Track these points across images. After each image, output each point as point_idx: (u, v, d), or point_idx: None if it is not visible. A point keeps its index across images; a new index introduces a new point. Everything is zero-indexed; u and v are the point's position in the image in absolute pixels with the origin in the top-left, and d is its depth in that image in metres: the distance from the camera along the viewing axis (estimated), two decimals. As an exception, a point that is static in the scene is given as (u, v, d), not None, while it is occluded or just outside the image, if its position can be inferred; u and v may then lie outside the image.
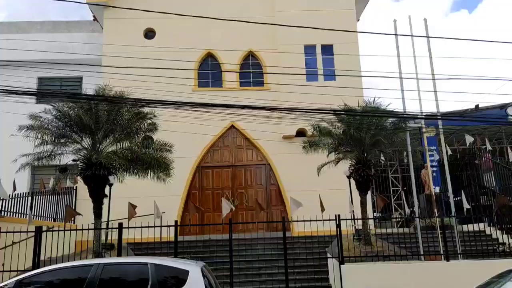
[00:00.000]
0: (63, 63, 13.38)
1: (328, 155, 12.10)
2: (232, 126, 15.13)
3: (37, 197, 11.53)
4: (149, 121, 10.64)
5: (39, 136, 9.48)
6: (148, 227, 9.59)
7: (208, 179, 15.10)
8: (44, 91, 14.38)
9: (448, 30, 49.94)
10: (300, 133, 14.64)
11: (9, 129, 10.30)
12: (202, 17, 10.68)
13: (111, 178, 10.59)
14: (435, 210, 11.43)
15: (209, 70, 15.68)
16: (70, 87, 16.17)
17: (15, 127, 9.59)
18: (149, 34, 15.66)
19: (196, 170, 14.93)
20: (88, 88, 11.28)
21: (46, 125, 9.63)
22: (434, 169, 13.26)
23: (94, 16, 15.97)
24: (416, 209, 11.92)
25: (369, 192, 12.54)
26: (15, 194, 10.52)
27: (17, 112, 9.96)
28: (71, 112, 9.87)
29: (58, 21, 16.72)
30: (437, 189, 13.46)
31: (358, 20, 16.53)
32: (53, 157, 9.75)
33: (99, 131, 9.99)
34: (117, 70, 12.41)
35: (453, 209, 11.35)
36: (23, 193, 11.05)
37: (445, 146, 12.28)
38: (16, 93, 8.67)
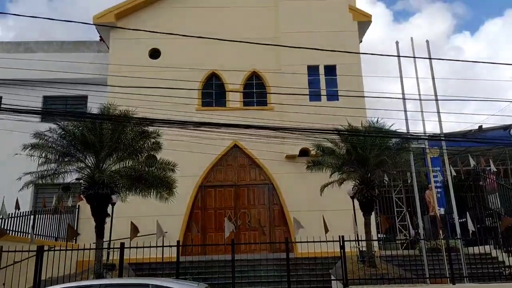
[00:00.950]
0: (69, 83, 13.57)
1: (331, 175, 12.05)
2: (235, 145, 15.14)
3: (39, 215, 11.49)
4: (152, 140, 10.66)
5: (43, 155, 9.49)
6: (150, 247, 9.51)
7: (210, 199, 15.03)
8: (49, 110, 14.50)
9: (450, 51, 50.38)
10: (304, 152, 14.62)
11: (14, 147, 10.33)
12: (206, 38, 10.85)
13: (114, 197, 10.56)
14: (440, 232, 11.30)
15: (213, 90, 15.80)
16: (75, 106, 16.30)
17: (20, 146, 9.62)
18: (154, 54, 15.85)
19: (199, 190, 14.87)
20: (93, 107, 11.35)
21: (50, 144, 9.66)
22: (439, 190, 13.17)
23: (100, 37, 16.23)
24: (421, 230, 11.80)
25: (373, 213, 12.44)
26: (17, 213, 10.49)
27: (22, 130, 10.03)
28: (76, 130, 9.92)
29: (66, 41, 16.98)
30: (442, 211, 13.33)
31: (361, 42, 16.70)
32: (56, 176, 9.75)
33: (103, 149, 10.00)
34: (122, 90, 12.53)
35: (458, 231, 11.22)
36: (25, 211, 11.02)
37: (449, 167, 12.23)
38: (21, 112, 8.73)
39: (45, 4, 54.47)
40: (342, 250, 9.71)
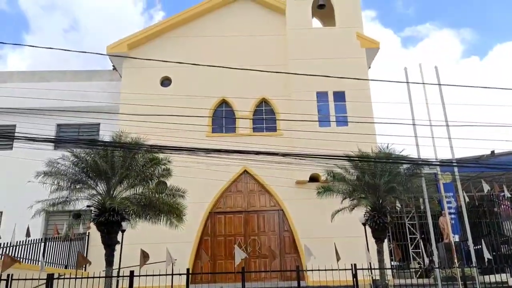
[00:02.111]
0: (82, 111, 13.83)
1: (342, 201, 11.93)
2: (245, 171, 15.14)
3: (50, 243, 11.50)
4: (163, 166, 10.73)
5: (56, 182, 9.60)
6: (159, 275, 9.39)
7: (220, 225, 14.93)
8: (62, 138, 14.73)
9: (459, 76, 50.44)
10: (314, 178, 14.55)
11: (27, 175, 10.46)
12: (216, 66, 11.07)
13: (124, 224, 10.56)
14: (455, 260, 11.02)
15: (223, 117, 15.95)
16: (87, 133, 16.54)
17: (32, 173, 9.74)
18: (165, 82, 16.15)
19: (209, 216, 14.80)
20: (105, 134, 11.52)
21: (62, 171, 9.78)
22: (452, 216, 12.93)
23: (113, 66, 16.62)
24: (435, 258, 11.52)
25: (386, 240, 12.21)
26: (28, 240, 10.52)
27: (35, 158, 10.18)
28: (88, 158, 10.04)
29: (79, 71, 17.41)
30: (456, 237, 13.04)
31: (369, 67, 16.83)
32: (68, 203, 9.82)
33: (114, 176, 10.07)
34: (134, 117, 12.72)
35: (473, 259, 10.94)
36: (36, 239, 11.04)
37: (463, 192, 12.04)
38: (35, 140, 8.89)
39: (61, 35, 56.20)
40: (354, 279, 9.50)
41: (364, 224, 12.27)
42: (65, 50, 8.75)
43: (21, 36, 56.46)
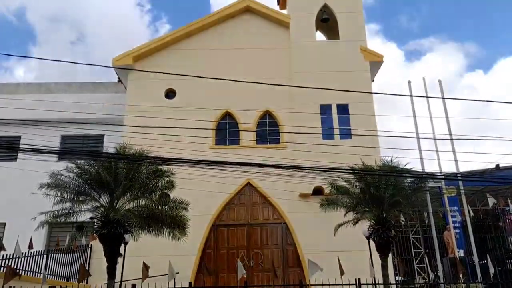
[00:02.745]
0: (86, 123, 13.89)
1: (345, 214, 11.86)
2: (249, 184, 15.10)
3: (52, 255, 11.46)
4: (166, 178, 10.73)
5: (59, 194, 9.60)
6: (161, 288, 9.32)
7: (223, 238, 14.84)
8: (67, 150, 14.78)
9: (464, 90, 50.44)
10: (317, 191, 14.49)
11: (30, 186, 10.48)
12: (221, 79, 11.13)
13: (126, 236, 10.52)
14: (460, 275, 10.89)
15: (226, 129, 15.98)
16: (91, 145, 16.60)
17: (36, 185, 9.76)
18: (170, 94, 16.23)
19: (211, 229, 14.73)
20: (109, 146, 11.55)
21: (66, 183, 9.79)
22: (457, 230, 12.82)
23: (118, 78, 16.74)
24: (440, 273, 11.39)
25: (390, 254, 12.09)
26: (30, 252, 10.49)
27: (39, 169, 10.21)
28: (91, 169, 10.06)
29: (85, 83, 17.55)
30: (461, 252, 12.91)
31: (373, 81, 16.87)
32: (71, 215, 9.81)
33: (117, 188, 10.07)
34: (138, 129, 12.76)
35: (479, 274, 10.80)
36: (38, 251, 11.01)
37: (467, 207, 11.95)
38: (39, 152, 8.92)
39: (68, 47, 56.88)
40: (358, 294, 9.38)
41: (368, 238, 12.17)
42: (71, 62, 8.83)
43: (28, 48, 57.16)
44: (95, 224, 10.34)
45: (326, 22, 17.18)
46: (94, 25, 54.85)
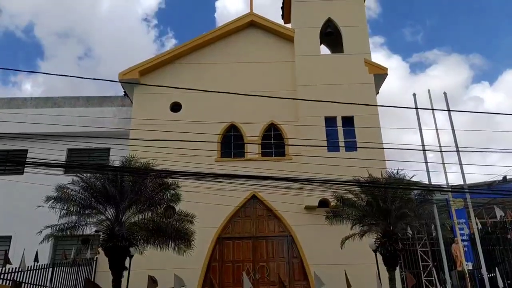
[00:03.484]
0: (92, 136, 13.99)
1: (352, 227, 11.78)
2: (254, 196, 15.06)
3: (57, 268, 11.45)
4: (172, 191, 10.75)
5: (65, 207, 9.64)
6: (167, 302, 9.27)
7: (228, 251, 14.75)
8: (73, 164, 14.85)
9: (470, 101, 50.32)
10: (323, 203, 14.41)
11: (37, 200, 10.52)
12: (226, 92, 11.21)
13: (131, 249, 10.51)
14: (470, 289, 10.73)
15: (232, 142, 16.02)
16: (97, 158, 16.67)
17: (42, 198, 9.81)
18: (175, 107, 16.32)
19: (217, 242, 14.66)
20: (115, 159, 11.61)
21: (72, 197, 9.84)
22: (465, 243, 12.66)
23: (125, 92, 16.89)
24: (448, 287, 11.22)
25: (398, 268, 11.95)
26: (36, 265, 10.49)
27: (45, 183, 10.26)
28: (97, 183, 10.11)
29: (91, 97, 17.69)
30: (470, 265, 12.73)
31: (378, 93, 16.89)
32: (76, 228, 9.84)
33: (123, 201, 10.10)
34: (144, 142, 12.83)
35: (487, 287, 10.63)
36: (44, 264, 11.01)
37: (475, 219, 11.84)
38: (45, 165, 8.99)
39: (75, 62, 57.62)
40: (366, 308, 9.27)
41: (375, 251, 12.04)
42: (78, 77, 8.94)
43: (36, 63, 57.94)
44: (101, 237, 10.35)
45: (330, 36, 17.31)
46: (101, 40, 55.59)
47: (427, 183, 11.41)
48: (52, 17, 52.42)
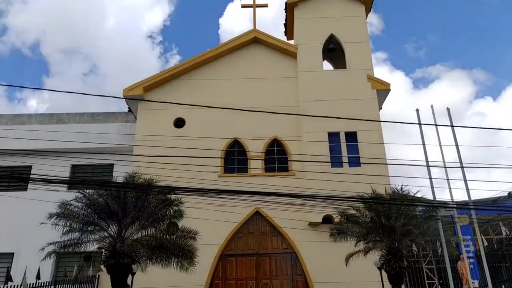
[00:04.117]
0: (96, 152, 14.03)
1: (356, 244, 11.66)
2: (257, 212, 14.97)
3: (59, 286, 11.35)
4: (175, 208, 10.71)
5: (68, 224, 9.61)
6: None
7: (231, 268, 14.60)
8: (76, 180, 14.86)
9: (473, 117, 50.26)
10: (327, 220, 14.30)
11: (39, 216, 10.50)
12: (229, 108, 11.26)
13: (134, 266, 10.43)
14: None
15: (235, 157, 16.01)
16: (101, 174, 16.68)
17: (45, 214, 9.79)
18: (179, 123, 16.38)
19: (220, 259, 14.53)
20: (119, 175, 11.62)
21: (74, 213, 9.81)
22: (471, 260, 12.49)
23: (129, 108, 17.00)
24: (455, 305, 11.05)
25: (403, 285, 11.78)
26: (38, 283, 10.41)
27: (49, 199, 10.26)
28: (100, 199, 10.09)
29: (96, 113, 17.80)
30: (476, 283, 12.54)
31: (381, 109, 16.91)
32: (79, 245, 9.78)
33: (126, 218, 10.06)
34: (147, 158, 12.85)
35: (496, 306, 10.46)
36: (46, 282, 10.92)
37: (481, 236, 11.70)
38: (49, 181, 8.99)
39: (80, 78, 58.20)
40: (371, 327, 9.12)
41: (379, 269, 11.89)
42: (83, 94, 9.02)
43: (41, 80, 58.54)
44: (103, 254, 10.28)
45: (333, 51, 17.44)
46: (107, 57, 56.25)
47: (432, 199, 11.30)
48: (58, 34, 53.18)
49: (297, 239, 14.54)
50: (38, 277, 10.53)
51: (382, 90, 16.32)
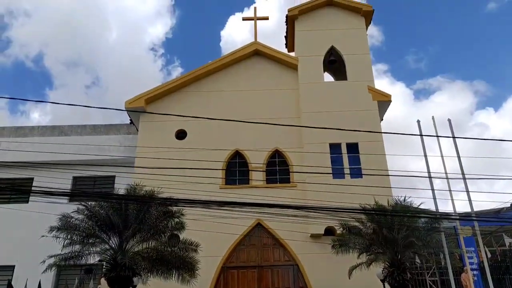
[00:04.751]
0: (98, 164, 14.05)
1: (359, 256, 11.58)
2: (259, 224, 14.90)
3: (59, 299, 11.29)
4: (176, 219, 10.69)
5: (69, 237, 9.60)
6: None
7: (233, 281, 14.48)
8: (78, 192, 14.87)
9: (475, 128, 50.26)
10: (329, 231, 14.23)
11: (41, 228, 10.48)
12: (230, 120, 11.30)
13: (135, 279, 10.36)
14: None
15: (236, 169, 16.00)
16: (102, 185, 16.68)
17: (46, 227, 9.77)
18: (181, 135, 16.41)
19: (221, 271, 14.42)
20: (120, 187, 11.62)
21: (76, 226, 9.80)
22: (475, 272, 12.37)
23: (131, 120, 17.06)
24: (459, 318, 10.91)
25: (406, 298, 11.65)
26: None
27: (50, 211, 10.25)
28: (102, 211, 10.08)
29: (98, 125, 17.86)
30: (480, 295, 12.41)
31: (382, 120, 16.93)
32: (80, 258, 9.75)
33: (127, 230, 10.04)
34: (149, 170, 12.85)
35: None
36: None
37: (484, 247, 11.61)
38: (51, 193, 9.00)
39: (83, 91, 58.57)
40: None
41: (383, 281, 11.78)
42: (85, 106, 9.09)
43: (44, 92, 58.94)
44: (104, 266, 10.23)
45: (334, 63, 17.54)
46: (109, 69, 56.67)
47: (434, 210, 11.25)
48: (62, 46, 53.67)
49: (299, 251, 14.45)
50: (38, 290, 10.49)
51: (383, 102, 16.36)
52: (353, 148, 15.44)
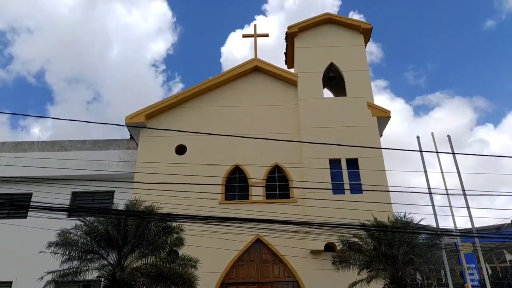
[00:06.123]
0: (97, 180, 14.04)
1: (359, 272, 11.49)
2: (258, 240, 14.81)
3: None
4: (175, 235, 10.64)
5: (67, 253, 9.54)
6: None
7: (233, 298, 14.32)
8: (76, 208, 14.82)
9: (475, 144, 50.33)
10: (329, 247, 14.13)
11: (39, 244, 10.41)
12: (230, 135, 11.35)
13: (133, 296, 10.25)
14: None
15: (236, 184, 15.98)
16: (101, 201, 16.61)
17: (45, 243, 9.71)
18: (180, 150, 16.43)
19: (221, 287, 14.27)
20: (120, 203, 11.59)
21: (74, 242, 9.75)
22: (476, 289, 12.26)
23: (131, 135, 17.10)
24: (461, 336, 10.77)
25: (408, 316, 11.52)
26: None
27: (49, 227, 10.20)
28: (100, 227, 10.04)
29: (98, 140, 17.89)
30: (483, 313, 12.27)
31: (381, 135, 16.99)
32: (78, 274, 9.67)
33: (126, 246, 9.99)
34: (148, 185, 12.84)
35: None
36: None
37: (485, 264, 11.53)
38: (49, 209, 8.98)
39: (84, 106, 58.85)
40: None
41: (383, 298, 11.66)
42: (86, 121, 9.11)
43: (45, 108, 59.20)
44: (102, 283, 10.14)
45: (333, 79, 17.68)
46: (110, 85, 57.07)
47: (435, 226, 11.21)
48: (63, 63, 54.16)
49: (299, 267, 14.33)
50: (36, 307, 10.37)
51: (383, 117, 16.44)
52: (353, 163, 15.45)
